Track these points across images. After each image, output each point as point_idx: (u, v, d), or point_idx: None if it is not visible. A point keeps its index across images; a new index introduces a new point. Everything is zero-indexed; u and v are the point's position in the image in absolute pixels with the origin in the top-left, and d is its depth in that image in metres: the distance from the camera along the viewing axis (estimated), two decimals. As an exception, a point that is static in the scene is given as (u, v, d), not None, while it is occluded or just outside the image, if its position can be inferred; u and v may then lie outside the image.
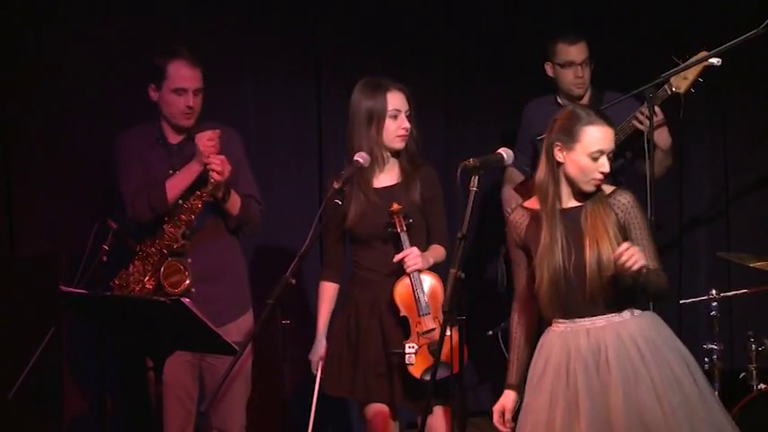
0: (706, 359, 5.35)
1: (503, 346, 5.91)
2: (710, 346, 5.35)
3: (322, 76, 6.21)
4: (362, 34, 6.25)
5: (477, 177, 4.13)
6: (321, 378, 4.86)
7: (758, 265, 5.41)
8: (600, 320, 4.10)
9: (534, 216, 4.19)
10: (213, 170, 4.80)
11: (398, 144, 4.79)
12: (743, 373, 5.33)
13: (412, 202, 4.78)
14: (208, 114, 5.04)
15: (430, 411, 4.63)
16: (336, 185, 4.41)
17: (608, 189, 4.18)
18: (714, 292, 5.41)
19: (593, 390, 4.02)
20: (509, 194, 5.79)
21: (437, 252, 4.82)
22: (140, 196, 4.93)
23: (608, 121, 4.13)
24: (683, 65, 5.08)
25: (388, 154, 4.81)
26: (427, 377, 4.52)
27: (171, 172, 4.94)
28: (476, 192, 4.11)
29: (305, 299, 5.98)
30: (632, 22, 6.47)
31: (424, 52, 6.27)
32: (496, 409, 4.29)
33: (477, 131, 6.41)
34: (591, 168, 4.10)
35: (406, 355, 4.65)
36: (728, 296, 5.49)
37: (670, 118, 5.47)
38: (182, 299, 4.10)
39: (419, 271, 4.71)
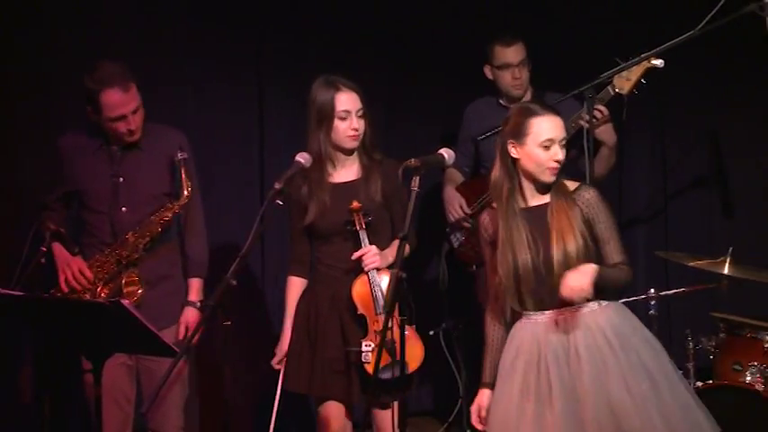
0: (645, 358, 5.39)
1: (444, 345, 5.94)
2: (649, 344, 5.39)
3: (263, 74, 6.19)
4: (304, 33, 6.23)
5: (418, 177, 4.14)
6: (283, 374, 4.86)
7: (695, 264, 5.47)
8: (568, 312, 4.16)
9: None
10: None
11: (349, 144, 4.79)
12: (681, 372, 5.37)
13: (372, 198, 4.78)
14: (149, 114, 5.00)
15: (385, 407, 4.67)
16: (278, 186, 4.39)
17: (572, 185, 4.26)
18: (652, 291, 5.46)
19: (564, 379, 4.09)
20: (450, 194, 5.81)
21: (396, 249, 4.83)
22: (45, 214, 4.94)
23: (555, 110, 4.22)
24: (622, 65, 5.11)
25: (342, 153, 4.81)
26: (384, 375, 4.53)
27: (115, 179, 4.91)
28: (417, 192, 4.12)
29: (246, 300, 5.96)
30: (575, 22, 6.50)
31: (365, 52, 6.27)
32: (473, 409, 4.34)
33: (417, 132, 6.41)
34: (544, 158, 4.18)
35: (363, 354, 4.65)
36: (666, 295, 5.54)
37: (612, 119, 5.51)
38: (121, 300, 4.07)
39: (377, 269, 4.71)
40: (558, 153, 4.18)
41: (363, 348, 4.67)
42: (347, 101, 4.77)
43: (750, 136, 6.37)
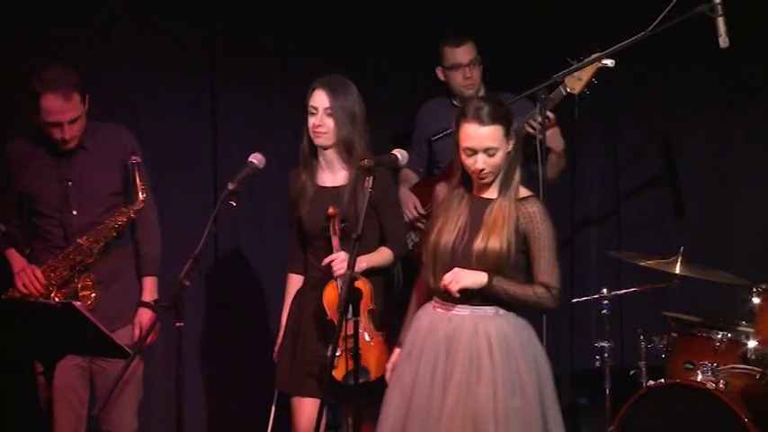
0: (597, 357, 5.43)
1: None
2: (601, 344, 5.43)
3: (216, 75, 6.16)
4: (256, 33, 6.20)
5: (371, 178, 4.14)
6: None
7: (647, 263, 5.51)
8: (465, 309, 4.18)
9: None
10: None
11: (316, 141, 4.81)
12: (633, 371, 5.41)
13: (352, 207, 4.77)
14: (101, 115, 4.96)
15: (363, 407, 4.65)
16: (231, 187, 4.38)
17: (524, 193, 4.26)
18: (605, 290, 5.50)
19: (437, 376, 4.11)
20: (404, 195, 5.81)
21: (378, 256, 4.84)
22: None
23: (487, 120, 4.14)
24: (575, 65, 5.14)
25: (323, 151, 4.83)
26: (350, 381, 4.54)
27: (64, 183, 4.87)
28: (370, 192, 4.12)
29: (199, 301, 5.94)
30: (528, 22, 6.52)
31: (317, 53, 6.24)
32: (389, 367, 4.38)
33: (371, 133, 6.39)
34: (467, 164, 4.18)
35: (330, 359, 4.63)
36: (619, 295, 5.58)
37: (564, 119, 5.53)
38: (73, 302, 4.04)
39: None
40: (477, 163, 4.14)
41: (330, 354, 4.65)
42: (316, 98, 4.80)
43: (700, 136, 6.41)
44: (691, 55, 6.11)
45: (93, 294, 4.87)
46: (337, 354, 4.58)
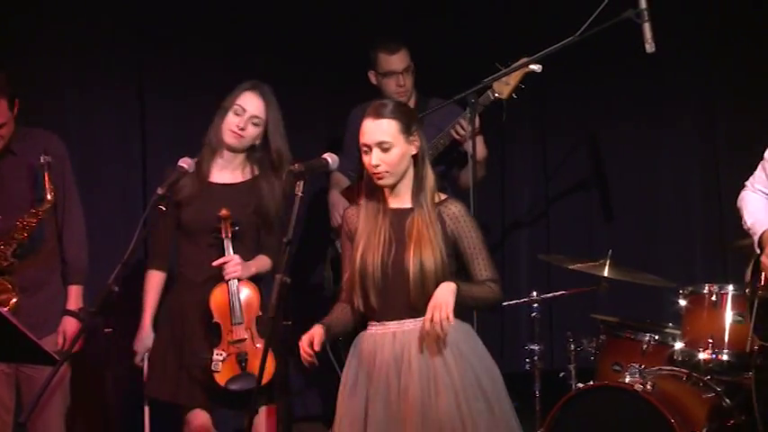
0: (527, 360, 5.47)
1: (329, 350, 5.92)
2: (531, 346, 5.47)
3: (144, 79, 6.12)
4: (186, 38, 6.17)
5: (302, 182, 4.13)
6: (148, 379, 4.82)
7: (576, 267, 5.56)
8: (408, 324, 4.06)
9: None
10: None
11: (228, 139, 4.79)
12: (562, 373, 5.45)
13: (247, 209, 4.74)
14: (29, 120, 4.91)
15: (255, 412, 4.60)
16: (160, 191, 4.36)
17: (441, 196, 4.17)
18: (535, 294, 5.53)
19: (391, 397, 4.00)
20: (336, 199, 5.81)
21: (262, 262, 4.81)
22: None
23: (382, 114, 4.07)
24: (504, 71, 5.17)
25: (226, 150, 4.80)
26: (232, 386, 4.52)
27: None
28: (301, 197, 4.11)
29: (128, 307, 5.89)
30: (457, 28, 6.55)
31: (247, 56, 6.23)
32: (305, 339, 4.08)
33: (302, 136, 6.38)
34: (366, 163, 4.09)
35: (213, 363, 4.61)
36: (548, 298, 5.62)
37: (492, 123, 5.56)
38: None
39: (238, 279, 4.68)
40: (372, 160, 4.05)
41: (215, 357, 4.61)
42: (247, 100, 4.77)
43: (628, 140, 6.48)
44: (618, 60, 6.17)
45: (14, 300, 4.80)
46: (221, 358, 4.55)
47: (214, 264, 4.68)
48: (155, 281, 4.88)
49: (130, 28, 6.08)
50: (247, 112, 4.77)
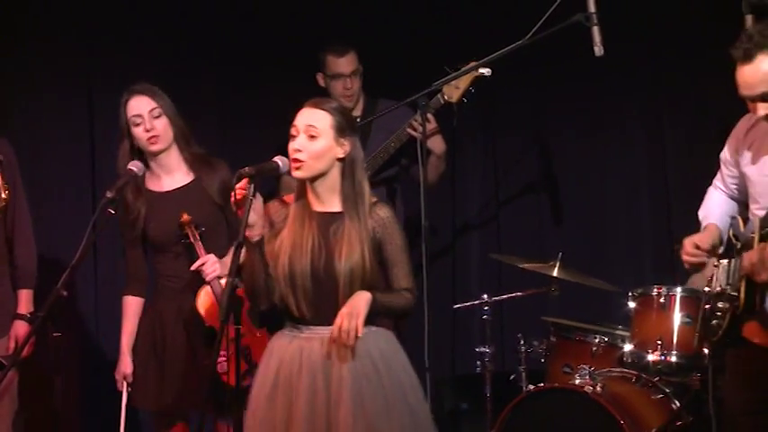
0: (478, 362, 5.49)
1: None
2: (482, 349, 5.49)
3: (93, 82, 6.07)
4: (133, 41, 6.13)
5: (252, 185, 4.11)
6: (129, 392, 4.78)
7: (527, 266, 5.58)
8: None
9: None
10: None
11: (152, 147, 4.75)
12: (513, 375, 5.48)
13: (204, 206, 4.72)
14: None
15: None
16: (109, 195, 4.33)
17: (371, 199, 4.13)
18: (485, 296, 5.55)
19: (317, 403, 3.96)
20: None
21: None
22: None
23: (319, 104, 4.08)
24: (453, 74, 5.19)
25: (154, 157, 4.77)
26: (246, 383, 4.47)
27: None
28: (251, 200, 4.09)
29: (78, 311, 5.85)
30: (407, 30, 6.56)
31: (197, 55, 6.21)
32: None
33: (251, 139, 6.37)
34: (289, 148, 4.06)
35: (219, 365, 4.56)
36: (499, 300, 5.64)
37: (443, 126, 5.59)
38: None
39: (219, 277, 4.64)
40: (296, 143, 4.02)
41: (220, 360, 4.55)
42: (135, 106, 4.75)
43: (577, 142, 6.52)
44: (568, 63, 6.20)
45: None
46: (225, 358, 4.51)
47: (192, 268, 4.65)
48: (130, 308, 4.85)
49: (79, 31, 6.03)
50: (142, 114, 4.74)
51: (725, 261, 4.04)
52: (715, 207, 4.17)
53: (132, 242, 4.81)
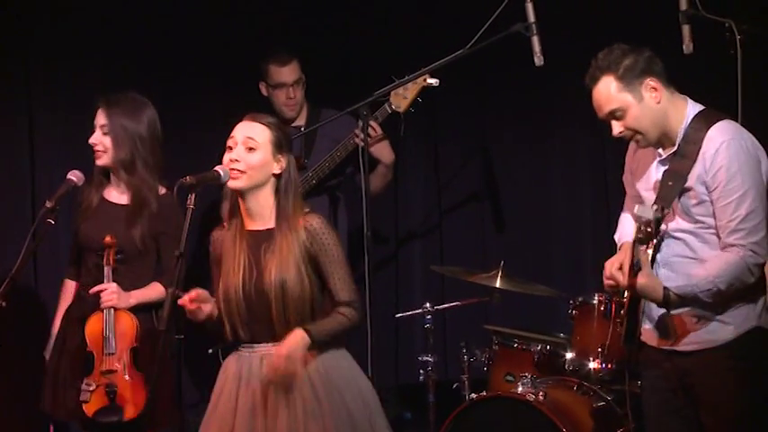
0: (421, 371, 5.48)
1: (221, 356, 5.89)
2: (425, 357, 5.49)
3: (32, 91, 6.02)
4: (74, 50, 6.08)
5: (194, 195, 4.08)
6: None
7: (469, 279, 5.60)
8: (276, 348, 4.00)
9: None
10: None
11: (96, 160, 4.72)
12: (456, 384, 5.48)
13: (136, 230, 4.67)
14: None
15: None
16: (49, 204, 4.31)
17: (304, 210, 4.11)
18: (428, 305, 5.55)
19: (257, 421, 3.95)
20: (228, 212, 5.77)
21: (151, 291, 4.71)
22: None
23: (262, 120, 4.08)
24: (397, 82, 5.20)
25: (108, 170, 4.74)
26: (100, 418, 4.46)
27: None
28: (193, 209, 4.06)
29: (20, 321, 5.79)
30: (350, 40, 6.57)
31: (137, 67, 6.16)
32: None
33: (193, 148, 6.34)
34: (225, 160, 4.04)
35: (82, 392, 4.53)
36: (441, 309, 5.65)
37: (389, 136, 5.59)
38: None
39: (114, 309, 4.60)
40: (234, 153, 4.01)
41: (83, 387, 4.53)
42: (96, 116, 4.74)
43: (519, 150, 6.55)
44: (508, 72, 6.23)
45: None
46: (90, 388, 4.49)
47: (90, 291, 4.60)
48: (68, 291, 4.85)
49: (18, 40, 5.97)
50: (96, 126, 4.74)
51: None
52: (628, 227, 4.22)
53: (73, 234, 4.80)
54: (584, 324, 5.22)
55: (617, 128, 3.97)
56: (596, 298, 5.19)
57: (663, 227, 3.89)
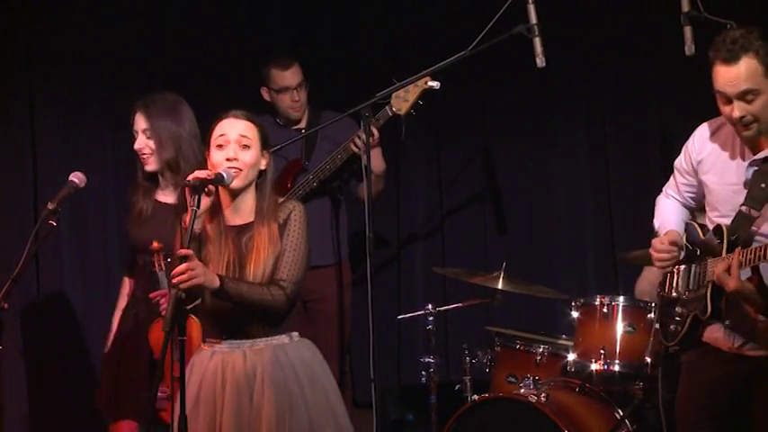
0: (423, 372, 5.48)
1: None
2: (427, 359, 5.48)
3: (34, 93, 6.02)
4: (74, 51, 6.08)
5: (197, 196, 4.08)
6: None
7: (471, 280, 5.59)
8: (260, 343, 4.05)
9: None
10: None
11: (144, 164, 4.73)
12: (458, 385, 5.48)
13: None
14: None
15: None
16: (51, 206, 4.30)
17: (279, 200, 4.17)
18: (430, 306, 5.54)
19: (243, 416, 3.97)
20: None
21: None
22: None
23: (248, 117, 4.12)
24: (398, 84, 5.20)
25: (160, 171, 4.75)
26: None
27: None
28: (196, 210, 4.05)
29: (19, 324, 5.79)
30: (350, 43, 6.57)
31: (135, 69, 6.15)
32: None
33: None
34: (218, 158, 4.06)
35: (158, 401, 4.42)
36: (444, 310, 5.65)
37: (388, 139, 5.57)
38: None
39: None
40: (229, 153, 4.04)
41: (159, 395, 4.43)
42: (135, 121, 4.74)
43: (521, 153, 6.55)
44: (511, 74, 6.24)
45: None
46: (165, 395, 4.40)
47: (151, 296, 4.56)
48: (125, 288, 4.90)
49: (19, 42, 5.97)
50: (138, 131, 4.73)
51: (682, 266, 4.07)
52: (671, 214, 4.20)
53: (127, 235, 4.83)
54: (585, 325, 5.22)
55: (740, 110, 3.85)
56: (598, 299, 5.19)
57: (753, 228, 3.87)
